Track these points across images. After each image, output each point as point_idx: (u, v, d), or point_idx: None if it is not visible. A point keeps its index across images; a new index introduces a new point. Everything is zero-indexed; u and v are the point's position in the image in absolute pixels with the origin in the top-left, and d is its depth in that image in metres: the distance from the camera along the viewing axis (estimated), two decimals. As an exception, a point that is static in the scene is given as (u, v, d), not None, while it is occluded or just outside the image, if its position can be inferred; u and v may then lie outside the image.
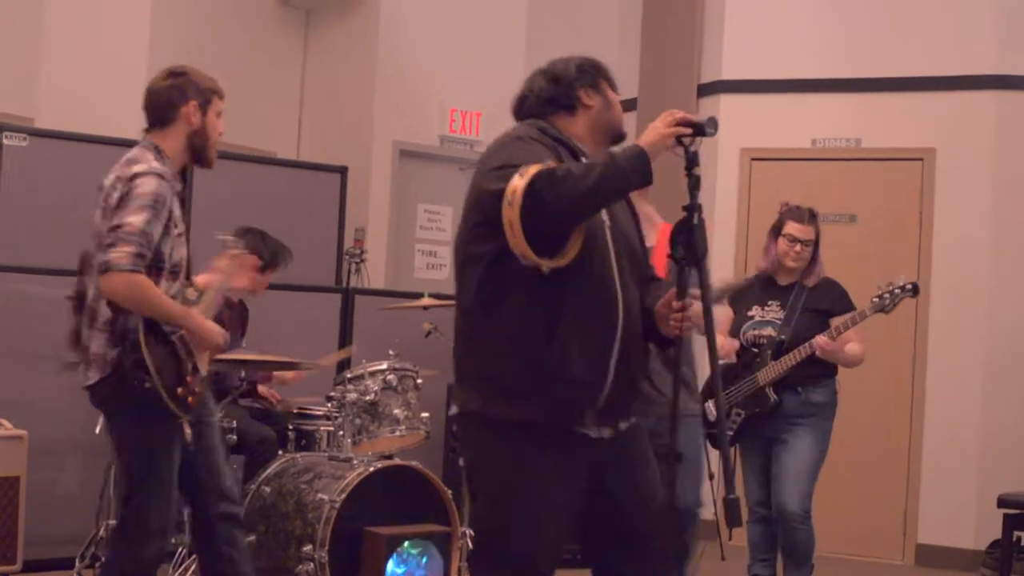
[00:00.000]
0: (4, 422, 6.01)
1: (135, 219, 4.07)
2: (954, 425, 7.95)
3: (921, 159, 8.17)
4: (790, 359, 5.64)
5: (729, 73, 8.52)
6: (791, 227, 5.77)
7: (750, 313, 5.87)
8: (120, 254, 4.04)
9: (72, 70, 8.27)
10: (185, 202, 4.35)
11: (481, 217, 3.45)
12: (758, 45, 8.54)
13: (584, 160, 3.59)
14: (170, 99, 4.36)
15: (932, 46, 8.16)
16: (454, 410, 3.63)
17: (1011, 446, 7.78)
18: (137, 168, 4.18)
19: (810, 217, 5.80)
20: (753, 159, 8.52)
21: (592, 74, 3.77)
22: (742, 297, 5.93)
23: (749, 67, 8.53)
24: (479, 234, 3.46)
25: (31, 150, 6.90)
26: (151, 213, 4.10)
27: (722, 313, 5.86)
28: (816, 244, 5.81)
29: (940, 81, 8.10)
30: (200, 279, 4.49)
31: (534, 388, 3.40)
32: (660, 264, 6.13)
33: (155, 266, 4.16)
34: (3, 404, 6.13)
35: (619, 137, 3.78)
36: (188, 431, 4.26)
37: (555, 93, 3.74)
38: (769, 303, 5.84)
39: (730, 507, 3.24)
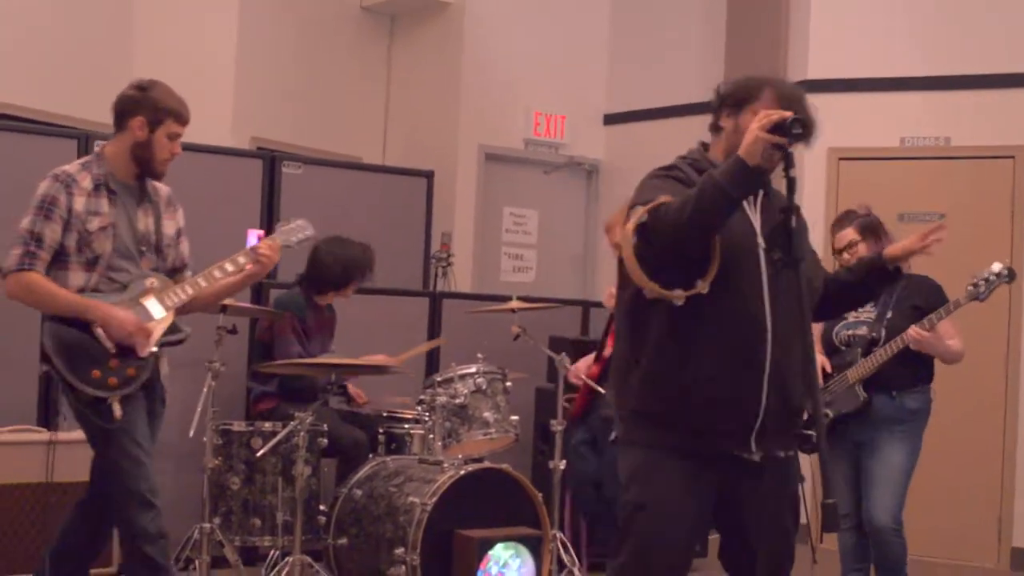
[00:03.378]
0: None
1: (24, 221, 4.47)
2: (1050, 424, 7.83)
3: (1012, 156, 8.06)
4: (882, 354, 5.46)
5: (815, 72, 8.42)
6: (834, 239, 5.70)
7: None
8: (11, 256, 4.43)
9: (160, 78, 8.34)
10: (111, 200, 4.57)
11: (619, 259, 3.56)
12: (845, 43, 8.46)
13: None
14: (124, 109, 4.67)
15: (1022, 42, 8.04)
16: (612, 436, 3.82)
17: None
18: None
19: (846, 219, 5.66)
20: (840, 159, 8.43)
21: (738, 96, 3.69)
22: None
23: (836, 66, 8.44)
24: (621, 273, 3.60)
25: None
26: (35, 213, 4.45)
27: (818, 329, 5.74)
28: (877, 238, 5.55)
29: (1031, 78, 8.00)
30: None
31: (674, 415, 3.52)
32: None
33: (60, 259, 4.47)
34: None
35: None
36: (117, 408, 4.45)
37: (713, 112, 3.77)
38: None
39: (828, 512, 3.22)
